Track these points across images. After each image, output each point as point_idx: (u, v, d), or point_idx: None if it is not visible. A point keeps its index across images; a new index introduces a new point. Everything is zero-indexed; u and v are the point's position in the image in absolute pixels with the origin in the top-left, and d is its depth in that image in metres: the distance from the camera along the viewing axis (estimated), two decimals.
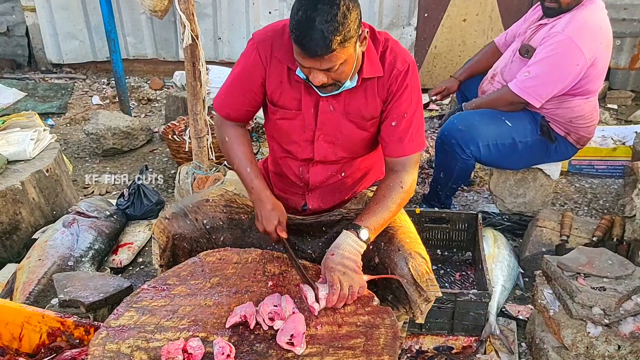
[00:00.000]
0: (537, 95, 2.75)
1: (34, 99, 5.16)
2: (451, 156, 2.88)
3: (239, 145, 1.97)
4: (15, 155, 2.95)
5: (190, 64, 2.93)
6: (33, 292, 2.45)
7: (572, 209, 3.40)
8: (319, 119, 1.85)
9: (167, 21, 5.42)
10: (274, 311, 1.58)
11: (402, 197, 1.83)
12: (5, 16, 5.65)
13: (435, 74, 5.28)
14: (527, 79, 2.75)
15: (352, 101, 1.83)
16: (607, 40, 2.75)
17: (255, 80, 1.86)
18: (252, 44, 1.86)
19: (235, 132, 1.98)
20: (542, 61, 2.71)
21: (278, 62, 1.82)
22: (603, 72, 2.80)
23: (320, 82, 1.67)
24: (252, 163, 1.94)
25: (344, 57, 1.62)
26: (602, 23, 2.73)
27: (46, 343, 1.95)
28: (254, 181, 1.91)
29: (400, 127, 1.84)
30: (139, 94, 5.40)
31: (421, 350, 2.32)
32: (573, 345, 2.01)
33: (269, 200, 1.88)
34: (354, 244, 1.73)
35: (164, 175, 3.87)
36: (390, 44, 1.82)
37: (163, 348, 1.47)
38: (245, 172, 1.92)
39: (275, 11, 5.39)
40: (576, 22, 2.66)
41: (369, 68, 1.78)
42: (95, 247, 2.80)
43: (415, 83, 1.84)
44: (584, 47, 2.64)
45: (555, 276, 2.11)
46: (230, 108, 1.95)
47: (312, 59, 1.59)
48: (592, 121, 2.91)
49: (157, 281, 1.77)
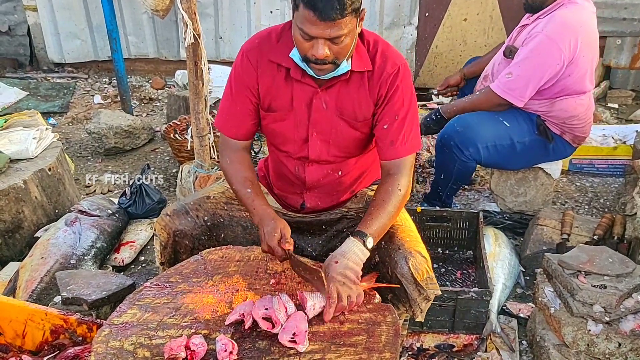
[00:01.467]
0: (519, 95, 2.77)
1: (36, 99, 5.17)
2: (450, 158, 2.89)
3: (239, 167, 1.95)
4: (18, 154, 2.96)
5: (192, 63, 2.94)
6: (36, 290, 2.47)
7: (572, 208, 3.40)
8: (312, 116, 1.86)
9: (169, 20, 5.43)
10: (266, 314, 1.57)
11: (400, 200, 1.83)
12: (7, 15, 5.66)
13: (436, 74, 5.28)
14: (509, 80, 2.78)
15: (344, 98, 1.83)
16: (589, 39, 2.75)
17: (251, 85, 1.87)
18: (241, 54, 1.89)
19: (237, 156, 1.97)
20: (522, 61, 2.74)
21: (268, 64, 1.84)
22: (588, 71, 2.80)
23: (323, 55, 1.66)
24: (253, 184, 1.91)
25: (350, 28, 1.63)
26: (584, 22, 2.74)
27: (49, 340, 1.96)
28: (254, 202, 1.86)
29: (392, 130, 1.83)
30: (141, 93, 5.41)
31: (422, 348, 2.33)
32: (574, 342, 2.02)
33: (269, 217, 1.81)
34: (359, 252, 1.71)
35: (166, 174, 3.88)
36: (380, 46, 1.83)
37: (166, 345, 1.48)
38: (247, 194, 1.88)
39: (276, 10, 5.40)
40: (555, 22, 2.69)
41: (358, 62, 1.79)
42: (97, 246, 2.81)
43: (406, 85, 1.83)
44: (562, 46, 2.66)
45: (556, 274, 2.12)
46: (232, 125, 1.95)
47: (324, 22, 1.59)
48: (586, 121, 2.92)
49: (160, 279, 1.78)
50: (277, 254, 1.77)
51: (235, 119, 1.94)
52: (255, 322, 1.56)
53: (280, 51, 1.81)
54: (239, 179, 1.92)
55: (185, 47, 2.91)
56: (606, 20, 4.82)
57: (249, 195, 1.87)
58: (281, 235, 1.76)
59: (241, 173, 1.93)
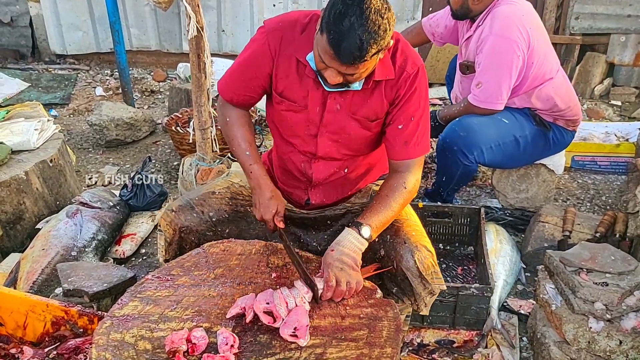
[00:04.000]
0: (496, 100, 2.78)
1: (38, 90, 5.16)
2: (453, 162, 2.87)
3: (239, 127, 1.96)
4: (20, 145, 2.96)
5: (195, 55, 2.93)
6: (37, 281, 2.47)
7: (574, 205, 3.40)
8: (325, 116, 1.84)
9: (171, 13, 5.41)
10: (267, 308, 1.57)
11: (405, 197, 1.83)
12: (9, 6, 5.65)
13: (438, 69, 5.26)
14: (481, 90, 2.79)
15: (359, 100, 1.81)
16: (535, 23, 2.79)
17: (262, 69, 1.84)
18: (262, 32, 1.83)
19: (237, 114, 1.97)
20: (485, 67, 2.75)
21: (287, 55, 1.80)
22: (548, 53, 2.83)
23: (335, 82, 1.64)
24: (251, 146, 1.93)
25: (370, 64, 1.61)
26: (524, 10, 2.77)
27: (50, 332, 1.96)
28: (253, 165, 1.90)
29: (407, 131, 1.82)
30: (142, 85, 5.40)
31: (423, 344, 2.33)
32: (575, 340, 2.02)
33: (267, 188, 1.87)
34: (354, 240, 1.73)
35: (167, 166, 3.87)
36: (401, 45, 1.79)
37: (167, 338, 1.48)
38: (244, 156, 1.91)
39: (279, 4, 5.38)
40: (498, 20, 2.71)
41: (381, 70, 1.75)
42: (98, 238, 2.80)
43: (423, 86, 1.82)
44: (515, 37, 2.68)
45: (558, 271, 2.12)
46: (234, 92, 1.94)
47: (343, 64, 1.57)
48: (570, 104, 2.92)
49: (161, 271, 1.78)
50: (269, 227, 1.88)
51: (236, 87, 1.93)
52: (256, 315, 1.56)
53: (302, 45, 1.75)
54: (237, 137, 1.94)
55: (188, 39, 2.90)
56: (610, 17, 4.81)
57: (247, 158, 1.91)
58: (277, 211, 1.86)
59: (240, 131, 1.95)
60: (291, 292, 1.63)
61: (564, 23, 5.01)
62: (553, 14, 5.05)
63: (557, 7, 5.00)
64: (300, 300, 1.61)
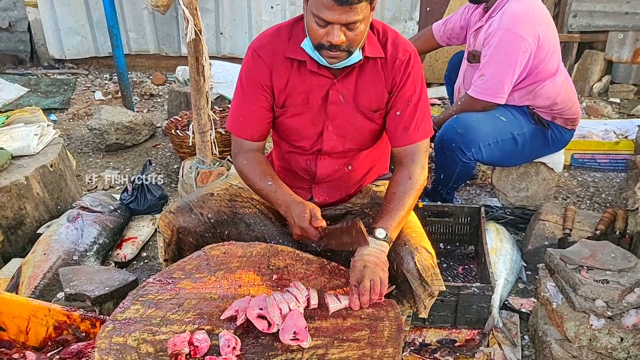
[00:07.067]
0: (497, 93, 2.79)
1: (37, 95, 5.16)
2: (452, 159, 2.87)
3: (256, 165, 1.93)
4: (20, 151, 2.96)
5: (193, 58, 2.93)
6: (39, 286, 2.47)
7: (574, 203, 3.40)
8: (329, 109, 1.87)
9: (169, 16, 5.42)
10: (260, 314, 1.57)
11: (411, 187, 1.82)
12: (7, 12, 5.65)
13: (437, 69, 5.27)
14: (483, 82, 2.80)
15: (360, 87, 1.85)
16: (545, 20, 2.80)
17: (264, 83, 1.87)
18: (250, 54, 1.88)
19: (252, 155, 1.95)
20: (490, 60, 2.76)
21: (283, 61, 1.84)
22: (555, 50, 2.84)
23: (339, 41, 1.67)
24: (272, 177, 1.90)
25: (365, 14, 1.66)
26: (534, 6, 2.79)
27: (53, 336, 1.96)
28: (277, 192, 1.86)
29: (405, 116, 1.86)
30: (142, 89, 5.40)
31: (424, 343, 2.33)
32: (576, 337, 2.02)
33: (295, 201, 1.81)
34: (372, 244, 1.70)
35: (167, 170, 3.88)
36: (390, 35, 1.86)
37: (169, 341, 1.48)
38: (268, 187, 1.87)
39: (277, 6, 5.39)
40: (508, 14, 2.73)
41: (370, 49, 1.82)
42: (99, 242, 2.81)
43: (417, 71, 1.86)
44: (524, 34, 2.69)
45: (558, 269, 2.12)
46: (247, 125, 1.93)
47: (341, 7, 1.61)
48: (569, 102, 2.93)
49: (163, 275, 1.78)
50: (311, 235, 1.76)
51: (248, 120, 1.92)
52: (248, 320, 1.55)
53: (294, 46, 1.82)
54: (258, 175, 1.91)
55: (187, 42, 2.90)
56: (608, 15, 4.81)
57: (271, 187, 1.87)
58: (311, 215, 1.76)
59: (259, 169, 1.92)
60: (284, 297, 1.61)
61: (562, 21, 5.01)
62: (551, 11, 5.04)
63: (554, 5, 5.00)
64: (295, 304, 1.60)
